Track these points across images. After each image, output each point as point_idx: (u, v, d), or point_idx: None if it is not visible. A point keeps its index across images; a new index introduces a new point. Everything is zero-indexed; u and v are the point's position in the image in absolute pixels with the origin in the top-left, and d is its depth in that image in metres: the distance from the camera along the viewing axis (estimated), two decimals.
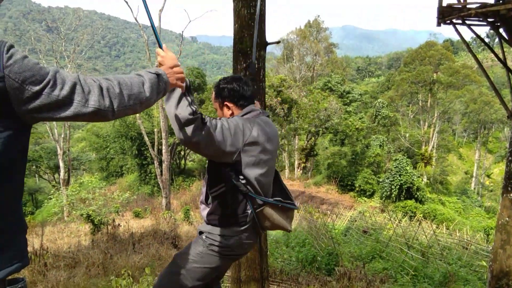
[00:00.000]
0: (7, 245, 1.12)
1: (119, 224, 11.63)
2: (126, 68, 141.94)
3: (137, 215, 18.53)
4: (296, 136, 34.29)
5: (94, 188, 12.81)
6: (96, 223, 11.20)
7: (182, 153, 35.82)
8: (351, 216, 19.72)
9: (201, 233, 2.00)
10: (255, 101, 2.13)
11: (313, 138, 34.77)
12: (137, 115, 24.49)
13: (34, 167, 33.66)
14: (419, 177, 32.89)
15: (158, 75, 1.45)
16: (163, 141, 21.19)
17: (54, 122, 28.52)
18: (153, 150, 22.56)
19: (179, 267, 1.96)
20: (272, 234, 14.53)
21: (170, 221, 15.09)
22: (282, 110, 25.62)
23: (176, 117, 1.64)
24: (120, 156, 35.85)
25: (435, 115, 40.73)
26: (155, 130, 24.59)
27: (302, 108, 27.08)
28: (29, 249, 7.41)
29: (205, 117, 1.72)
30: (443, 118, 43.41)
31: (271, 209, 1.92)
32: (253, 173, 1.89)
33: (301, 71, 41.33)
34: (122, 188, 32.43)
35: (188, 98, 1.67)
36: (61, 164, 26.42)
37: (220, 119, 1.87)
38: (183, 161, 36.68)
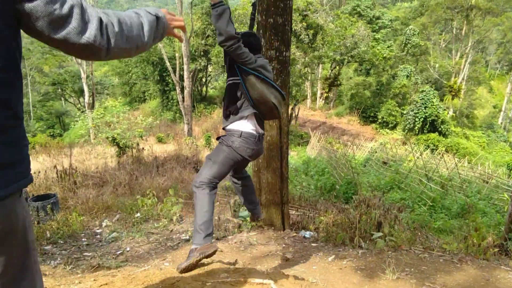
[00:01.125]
0: (20, 158, 1.09)
1: (143, 148, 11.95)
2: None
3: (160, 140, 19.01)
4: (320, 65, 33.25)
5: (118, 112, 13.00)
6: (121, 146, 11.51)
7: (204, 80, 35.57)
8: (371, 147, 19.67)
9: (218, 138, 2.82)
10: None
11: (337, 67, 33.65)
12: None
13: (59, 90, 34.28)
14: (445, 110, 32.03)
15: (158, 18, 1.34)
16: (185, 67, 20.92)
17: None
18: (175, 76, 22.41)
19: (210, 160, 2.75)
20: (292, 162, 14.74)
21: (192, 147, 15.43)
22: (307, 36, 24.50)
23: (226, 32, 2.38)
24: (143, 81, 35.90)
25: (469, 44, 38.46)
26: (177, 55, 24.21)
27: (328, 34, 25.80)
28: (59, 168, 7.74)
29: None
30: (477, 48, 41.02)
31: (254, 78, 2.59)
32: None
33: None
34: (145, 114, 32.93)
35: (231, 21, 2.43)
36: (85, 88, 26.75)
37: None
38: (204, 88, 36.56)
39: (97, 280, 2.07)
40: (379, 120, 33.33)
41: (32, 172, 1.19)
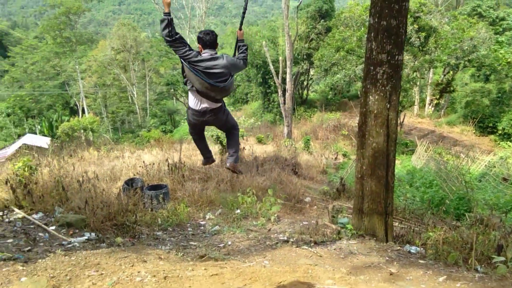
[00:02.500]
0: None
1: (244, 148, 12.38)
2: None
3: (259, 141, 19.48)
4: (431, 69, 30.83)
5: None
6: (224, 144, 12.06)
7: (305, 83, 35.59)
8: (489, 161, 17.63)
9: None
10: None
11: (451, 72, 30.87)
12: (263, 42, 24.60)
13: (172, 90, 37.23)
14: None
15: None
16: (287, 70, 21.16)
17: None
18: (277, 78, 22.78)
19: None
20: (395, 171, 13.90)
21: (291, 149, 15.51)
22: (418, 39, 22.93)
23: (161, 34, 3.32)
24: (246, 83, 37.24)
25: None
26: (280, 58, 24.60)
27: (442, 37, 23.82)
28: (170, 161, 8.39)
29: (182, 41, 3.37)
30: None
31: (185, 66, 3.45)
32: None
33: None
34: (247, 114, 34.15)
35: (169, 27, 3.26)
36: None
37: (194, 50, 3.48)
38: (305, 91, 36.57)
39: (207, 270, 2.17)
40: (499, 132, 29.70)
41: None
